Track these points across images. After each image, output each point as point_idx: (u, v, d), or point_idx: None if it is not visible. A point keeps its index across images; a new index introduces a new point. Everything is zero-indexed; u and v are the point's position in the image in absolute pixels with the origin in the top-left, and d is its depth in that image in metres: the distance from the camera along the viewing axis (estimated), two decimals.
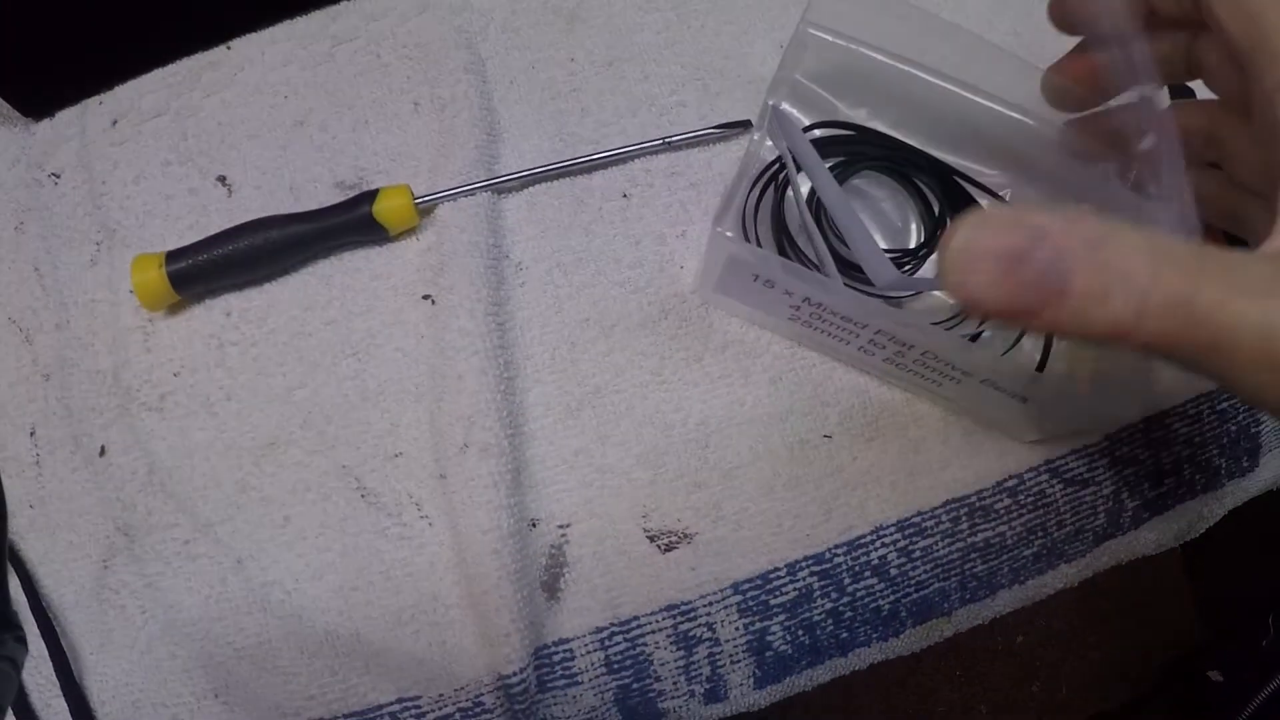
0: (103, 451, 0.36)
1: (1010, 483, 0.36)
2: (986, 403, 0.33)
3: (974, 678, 0.81)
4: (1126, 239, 0.19)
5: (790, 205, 0.36)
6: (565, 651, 0.33)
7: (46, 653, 0.35)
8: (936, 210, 0.37)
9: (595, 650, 0.33)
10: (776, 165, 0.36)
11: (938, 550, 0.36)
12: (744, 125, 0.37)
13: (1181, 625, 0.85)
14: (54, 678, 0.35)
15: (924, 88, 0.37)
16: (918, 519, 0.35)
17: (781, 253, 0.36)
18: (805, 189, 0.36)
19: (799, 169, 0.33)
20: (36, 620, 0.35)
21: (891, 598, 0.35)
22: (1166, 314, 0.18)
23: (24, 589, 0.36)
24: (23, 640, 0.34)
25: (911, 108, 0.38)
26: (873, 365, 0.34)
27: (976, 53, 0.36)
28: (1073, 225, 0.19)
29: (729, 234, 0.29)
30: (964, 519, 0.36)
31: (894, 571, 0.35)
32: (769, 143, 0.36)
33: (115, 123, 0.40)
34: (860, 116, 0.38)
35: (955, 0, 0.41)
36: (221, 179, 0.38)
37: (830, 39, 0.36)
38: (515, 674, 0.32)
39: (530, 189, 0.37)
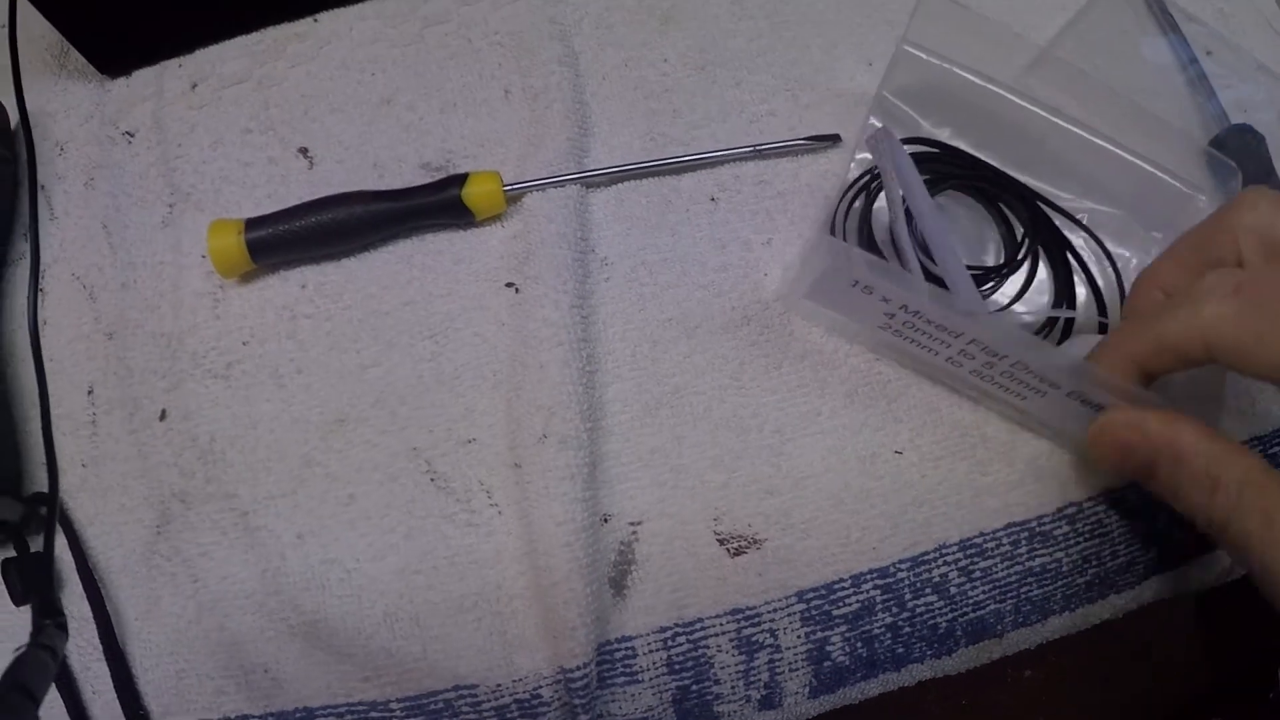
0: (163, 415, 0.36)
1: (1070, 510, 0.37)
2: (1068, 417, 0.33)
3: (978, 708, 0.81)
4: (1197, 462, 0.28)
5: (878, 216, 0.36)
6: (628, 649, 0.33)
7: (90, 615, 0.35)
8: (1019, 235, 0.37)
9: (658, 649, 0.33)
10: (865, 178, 0.37)
11: (997, 572, 0.36)
12: (833, 139, 0.37)
13: (1189, 673, 0.86)
14: (97, 641, 0.34)
15: (1010, 109, 0.38)
16: (980, 539, 0.36)
17: None
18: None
19: (897, 185, 0.34)
20: (82, 581, 0.35)
21: (949, 616, 0.35)
22: (1225, 516, 0.28)
23: (71, 549, 0.35)
24: (64, 627, 0.34)
25: (995, 128, 0.38)
26: (958, 377, 0.34)
27: (1064, 78, 0.37)
28: (1169, 435, 0.29)
29: (839, 240, 0.29)
30: (1024, 543, 0.36)
31: (954, 590, 0.35)
32: (860, 155, 0.37)
33: (194, 86, 0.40)
34: (944, 135, 0.39)
35: (1043, 29, 0.42)
36: (303, 151, 0.38)
37: (924, 57, 0.37)
38: (578, 668, 0.32)
39: (619, 185, 0.37)
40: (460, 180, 0.35)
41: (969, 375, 0.33)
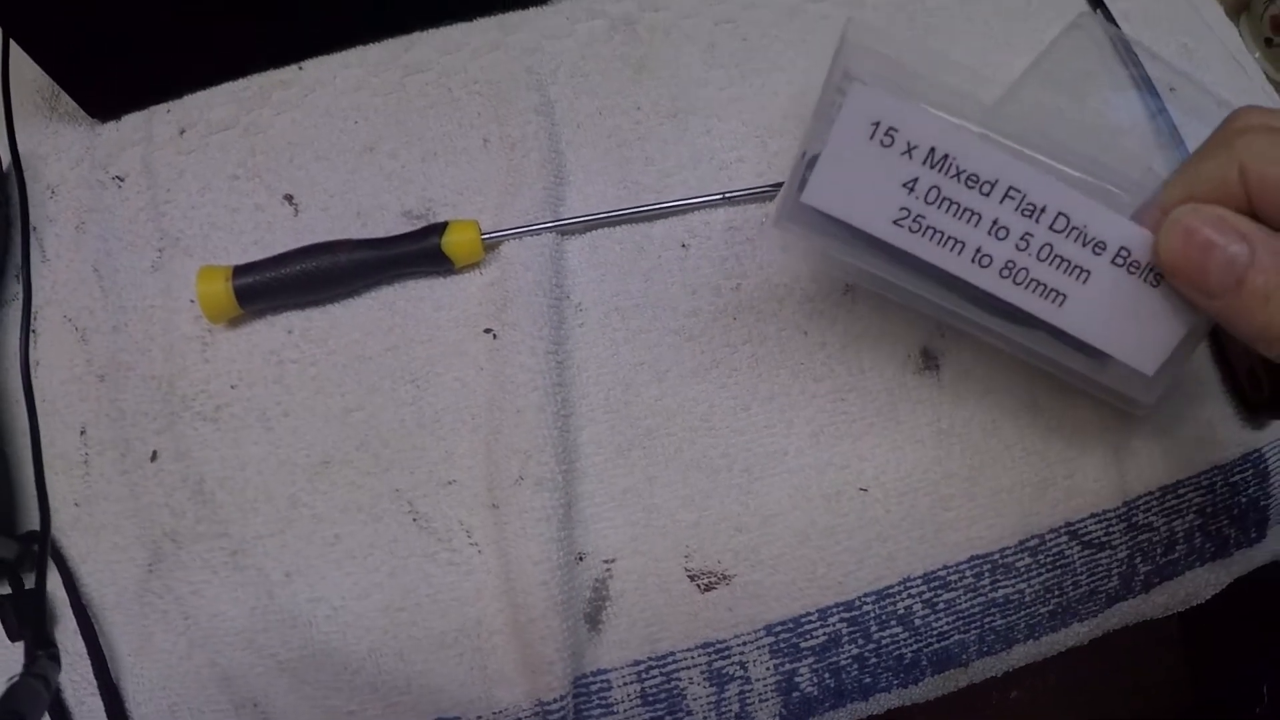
0: (154, 457, 0.38)
1: (1032, 542, 0.39)
2: (1110, 314, 0.30)
3: None
4: None
5: None
6: (603, 682, 0.35)
7: (84, 651, 0.36)
8: None
9: (632, 683, 0.35)
10: None
11: (960, 604, 0.38)
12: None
13: (1176, 690, 0.87)
14: (91, 677, 0.36)
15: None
16: (943, 572, 0.38)
17: None
18: None
19: None
20: (76, 617, 0.37)
21: (914, 647, 0.37)
22: None
23: (65, 585, 0.37)
24: (56, 658, 0.35)
25: None
26: (983, 279, 0.30)
27: (1031, 116, 0.38)
28: (1270, 239, 0.25)
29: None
30: (986, 575, 0.38)
31: (918, 622, 0.37)
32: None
33: (183, 132, 0.42)
34: None
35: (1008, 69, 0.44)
36: (289, 198, 0.40)
37: None
38: (555, 701, 0.33)
39: (593, 233, 0.39)
40: (440, 229, 0.37)
41: (997, 279, 0.30)
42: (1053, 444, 0.40)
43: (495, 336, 0.37)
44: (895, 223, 0.30)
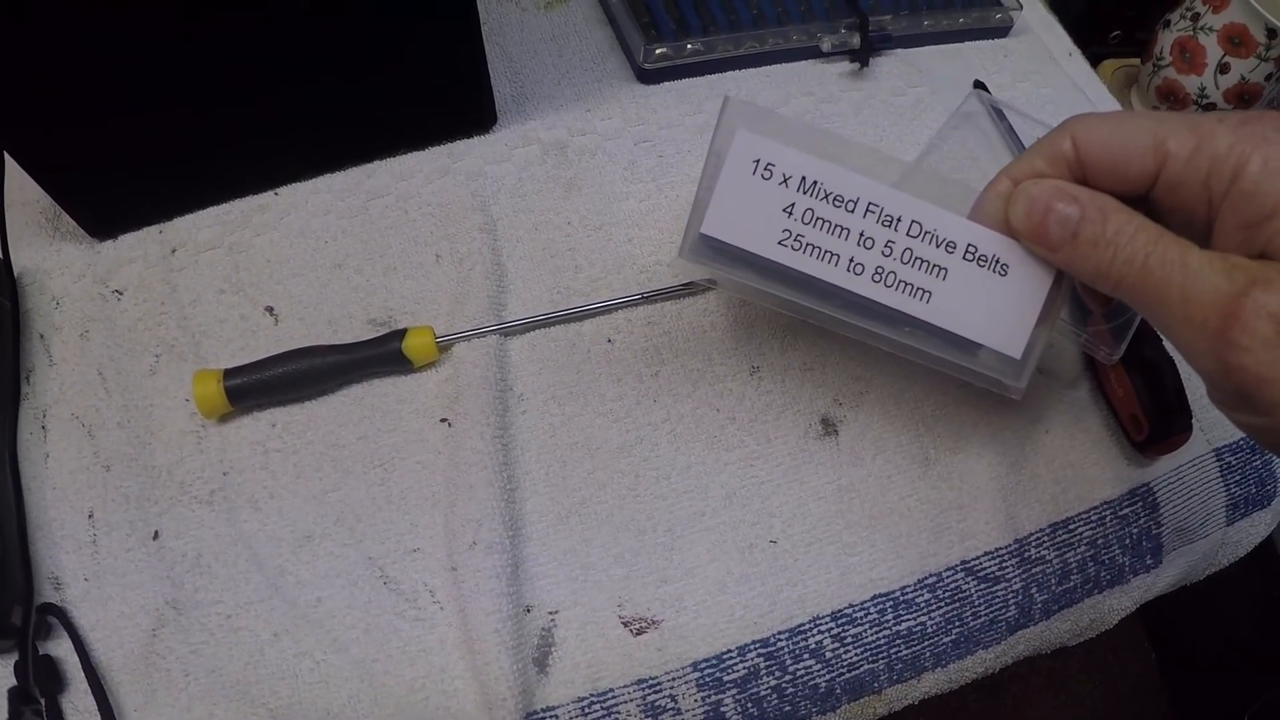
0: (156, 536, 0.46)
1: (930, 580, 0.49)
2: (971, 305, 0.36)
3: None
4: (1124, 214, 0.32)
5: None
6: (552, 717, 0.44)
7: (95, 708, 0.45)
8: None
9: (578, 717, 0.44)
10: None
11: (866, 637, 0.47)
12: (710, 284, 0.50)
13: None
14: None
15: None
16: (849, 610, 0.47)
17: None
18: None
19: None
20: (86, 678, 0.44)
21: (827, 677, 0.46)
22: (1129, 263, 0.31)
23: (76, 650, 0.45)
24: (40, 713, 0.43)
25: None
26: (859, 285, 0.37)
27: (935, 184, 0.40)
28: (1094, 197, 0.32)
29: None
30: (889, 611, 0.48)
31: (829, 654, 0.46)
32: None
33: (174, 251, 0.52)
34: None
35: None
36: (269, 309, 0.50)
37: None
38: None
39: (532, 333, 0.49)
40: (400, 335, 0.47)
41: (870, 284, 0.36)
42: (945, 493, 0.50)
43: (450, 425, 0.48)
44: (780, 243, 0.36)
